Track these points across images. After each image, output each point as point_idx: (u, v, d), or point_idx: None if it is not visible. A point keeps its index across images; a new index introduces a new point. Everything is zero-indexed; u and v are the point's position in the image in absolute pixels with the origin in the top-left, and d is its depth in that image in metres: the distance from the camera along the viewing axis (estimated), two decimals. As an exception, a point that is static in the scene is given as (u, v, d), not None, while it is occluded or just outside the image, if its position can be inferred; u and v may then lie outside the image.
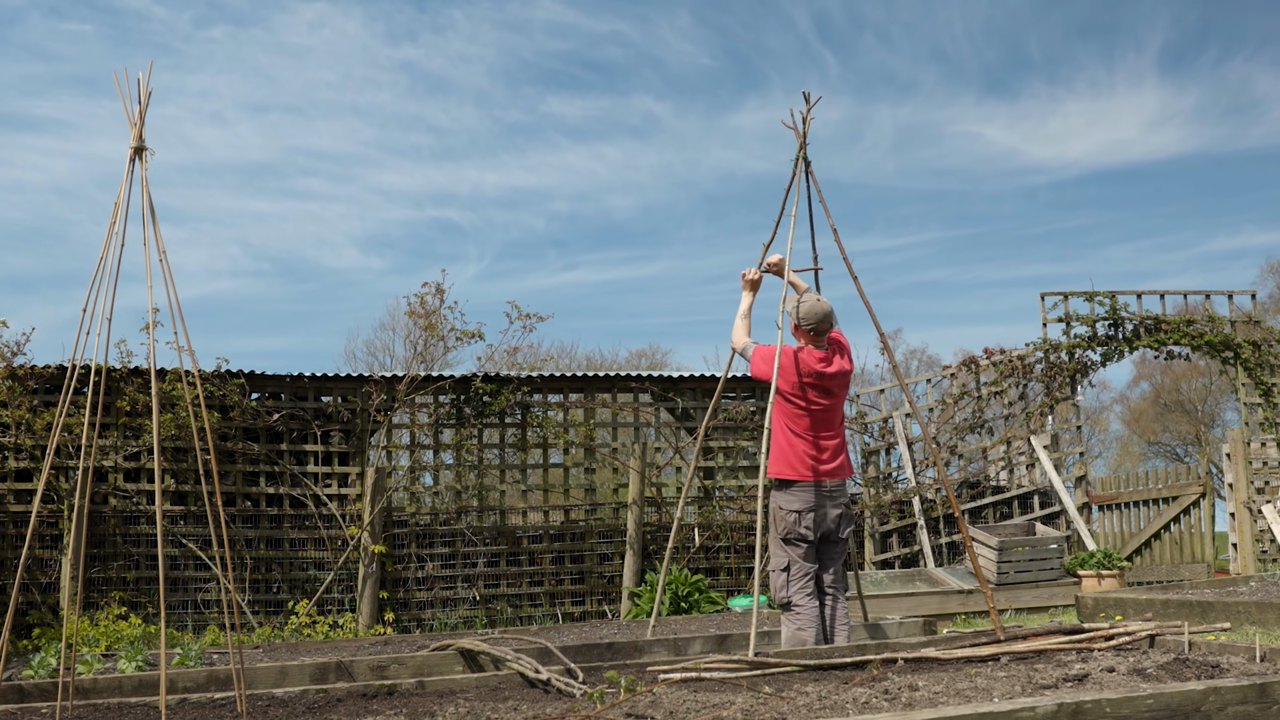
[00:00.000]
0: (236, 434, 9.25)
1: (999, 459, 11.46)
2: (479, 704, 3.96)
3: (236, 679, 4.01)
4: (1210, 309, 11.68)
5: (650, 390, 10.21)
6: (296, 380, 9.41)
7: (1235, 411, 14.25)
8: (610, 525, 9.95)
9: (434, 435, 9.95)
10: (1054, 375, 11.27)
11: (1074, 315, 11.39)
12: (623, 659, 5.68)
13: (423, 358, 9.65)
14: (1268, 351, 11.58)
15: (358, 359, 28.26)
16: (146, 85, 3.92)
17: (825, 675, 4.32)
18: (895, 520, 10.87)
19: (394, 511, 9.58)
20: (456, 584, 9.57)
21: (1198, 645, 4.50)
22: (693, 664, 4.40)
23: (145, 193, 3.85)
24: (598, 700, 3.73)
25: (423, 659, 5.38)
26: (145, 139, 3.93)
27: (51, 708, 4.27)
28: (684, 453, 10.24)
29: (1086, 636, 4.68)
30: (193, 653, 5.92)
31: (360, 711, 3.96)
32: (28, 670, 5.65)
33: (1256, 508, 11.19)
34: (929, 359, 32.92)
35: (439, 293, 9.62)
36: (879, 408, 11.52)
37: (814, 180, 5.95)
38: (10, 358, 8.69)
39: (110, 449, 8.91)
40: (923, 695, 3.71)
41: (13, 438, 8.71)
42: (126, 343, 9.07)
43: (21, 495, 8.85)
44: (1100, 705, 3.20)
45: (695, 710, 3.59)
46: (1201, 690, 3.34)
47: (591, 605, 9.75)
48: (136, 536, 8.96)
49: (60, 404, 4.03)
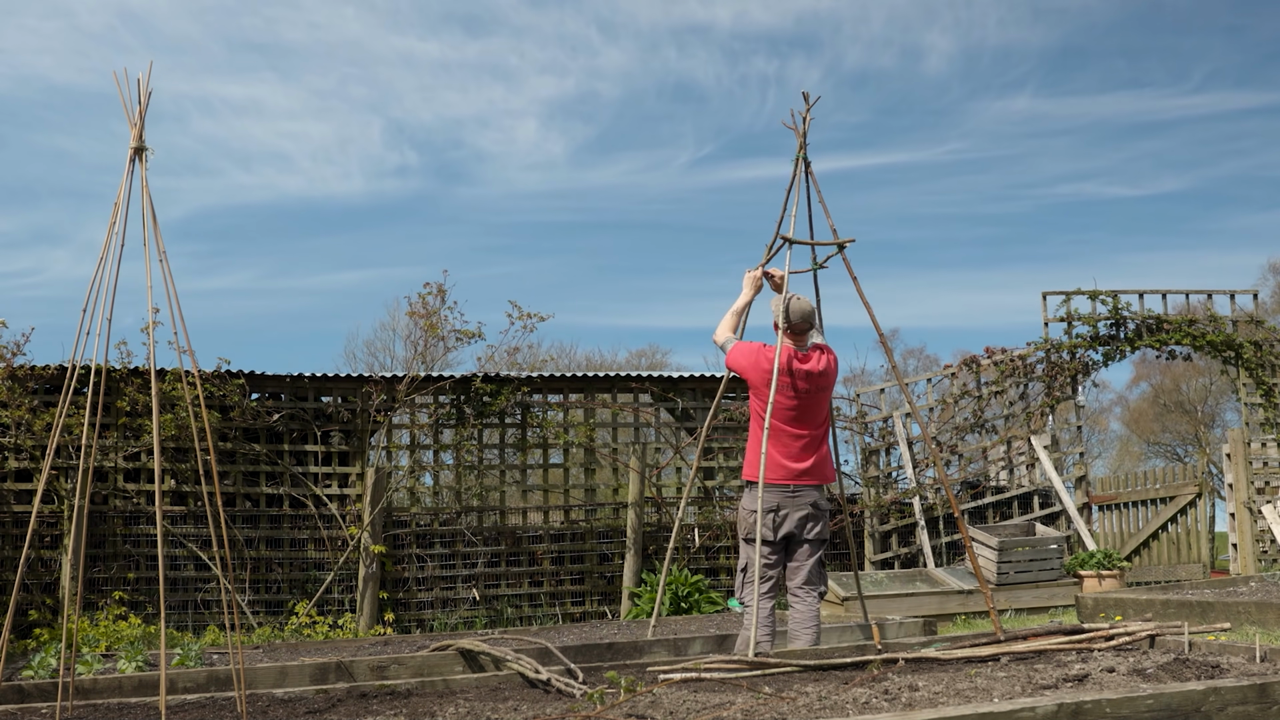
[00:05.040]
0: (236, 434, 9.25)
1: (999, 459, 11.46)
2: (479, 704, 3.96)
3: (236, 679, 4.01)
4: (1212, 309, 11.68)
5: (650, 390, 10.21)
6: (296, 380, 9.41)
7: (1235, 411, 14.27)
8: (610, 525, 9.95)
9: (434, 435, 9.95)
10: (1055, 375, 11.26)
11: (1076, 315, 11.39)
12: (623, 659, 5.68)
13: (423, 358, 9.65)
14: (1269, 351, 11.58)
15: (358, 359, 28.29)
16: (146, 85, 3.92)
17: (825, 675, 4.32)
18: (895, 520, 10.87)
19: (394, 512, 9.58)
20: (457, 584, 9.57)
21: (1198, 645, 4.50)
22: (693, 664, 4.40)
23: (145, 193, 3.85)
24: (598, 700, 3.73)
25: (423, 659, 5.38)
26: (145, 139, 3.93)
27: (51, 708, 4.27)
28: (684, 453, 10.24)
29: (1086, 637, 4.68)
30: (193, 653, 5.92)
31: (360, 711, 3.96)
32: (28, 670, 5.66)
33: (1257, 508, 11.19)
34: (929, 359, 32.94)
35: (440, 293, 9.64)
36: (879, 407, 11.52)
37: (814, 180, 5.95)
38: (10, 358, 8.69)
39: (110, 449, 8.91)
40: (923, 695, 3.70)
41: (13, 438, 8.71)
42: (127, 343, 9.08)
43: (22, 495, 8.85)
44: (1100, 705, 3.20)
45: (695, 710, 3.59)
46: (1201, 690, 3.34)
47: (592, 605, 9.75)
48: (137, 536, 8.96)
49: (60, 404, 4.03)
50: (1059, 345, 11.28)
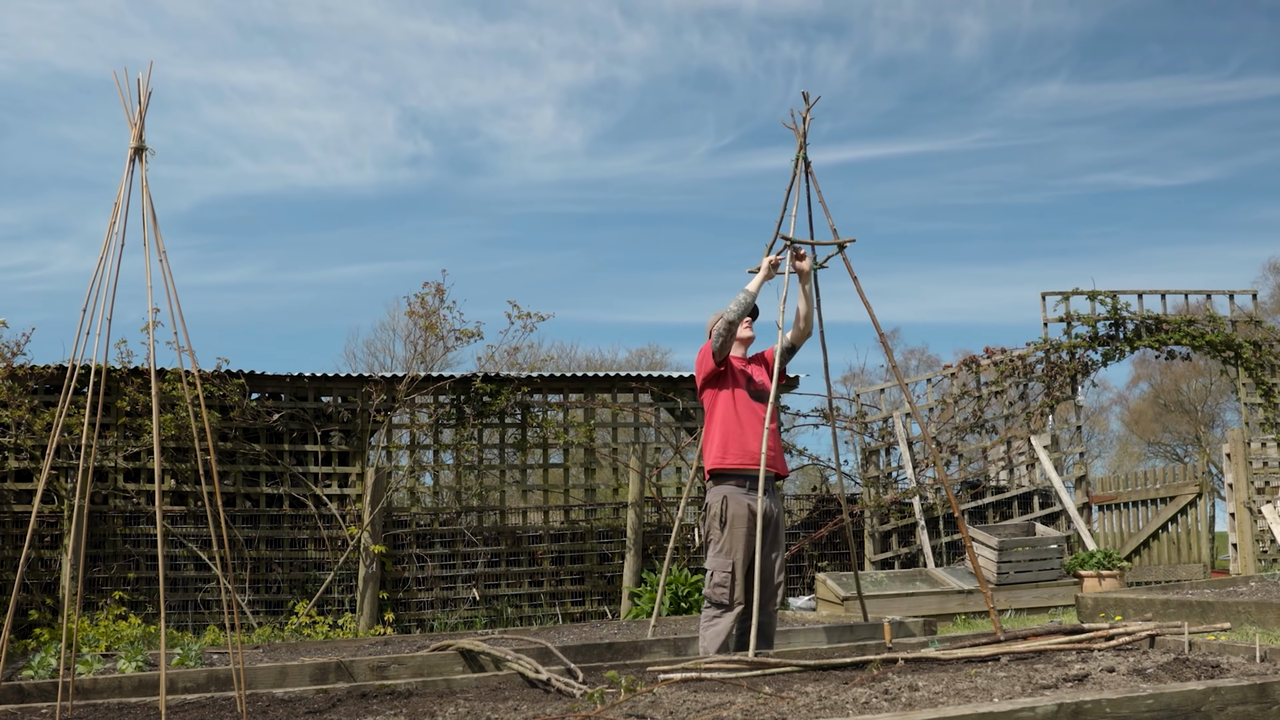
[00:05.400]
0: (236, 434, 9.25)
1: (999, 459, 11.46)
2: (479, 704, 3.96)
3: (236, 679, 4.01)
4: (1211, 309, 11.68)
5: (650, 390, 10.22)
6: (296, 380, 9.41)
7: (1235, 411, 14.26)
8: (610, 525, 9.95)
9: (434, 435, 9.95)
10: (1055, 375, 11.26)
11: (1075, 315, 11.39)
12: (623, 659, 5.68)
13: (423, 358, 9.65)
14: (1268, 351, 11.58)
15: (358, 359, 28.28)
16: (146, 85, 3.93)
17: (825, 675, 4.32)
18: (895, 520, 10.87)
19: (394, 511, 9.59)
20: (457, 584, 9.57)
21: (1198, 645, 4.50)
22: (693, 664, 4.40)
23: (145, 193, 3.85)
24: (598, 700, 3.73)
25: (423, 659, 5.39)
26: (145, 139, 3.93)
27: (51, 708, 4.27)
28: (684, 453, 10.24)
29: (1086, 637, 4.68)
30: (193, 653, 5.92)
31: (360, 711, 3.96)
32: (28, 670, 5.66)
33: (1257, 508, 11.19)
34: (929, 359, 32.94)
35: (439, 293, 9.64)
36: (879, 407, 11.52)
37: (813, 180, 5.95)
38: (10, 358, 8.69)
39: (110, 449, 8.91)
40: (923, 695, 3.71)
41: (13, 438, 8.71)
42: (127, 343, 9.07)
43: (22, 495, 8.85)
44: (1100, 705, 3.20)
45: (695, 710, 3.59)
46: (1201, 690, 3.34)
47: (591, 605, 9.75)
48: (137, 536, 8.96)
49: (60, 404, 4.03)
50: (1058, 345, 11.29)
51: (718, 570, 5.20)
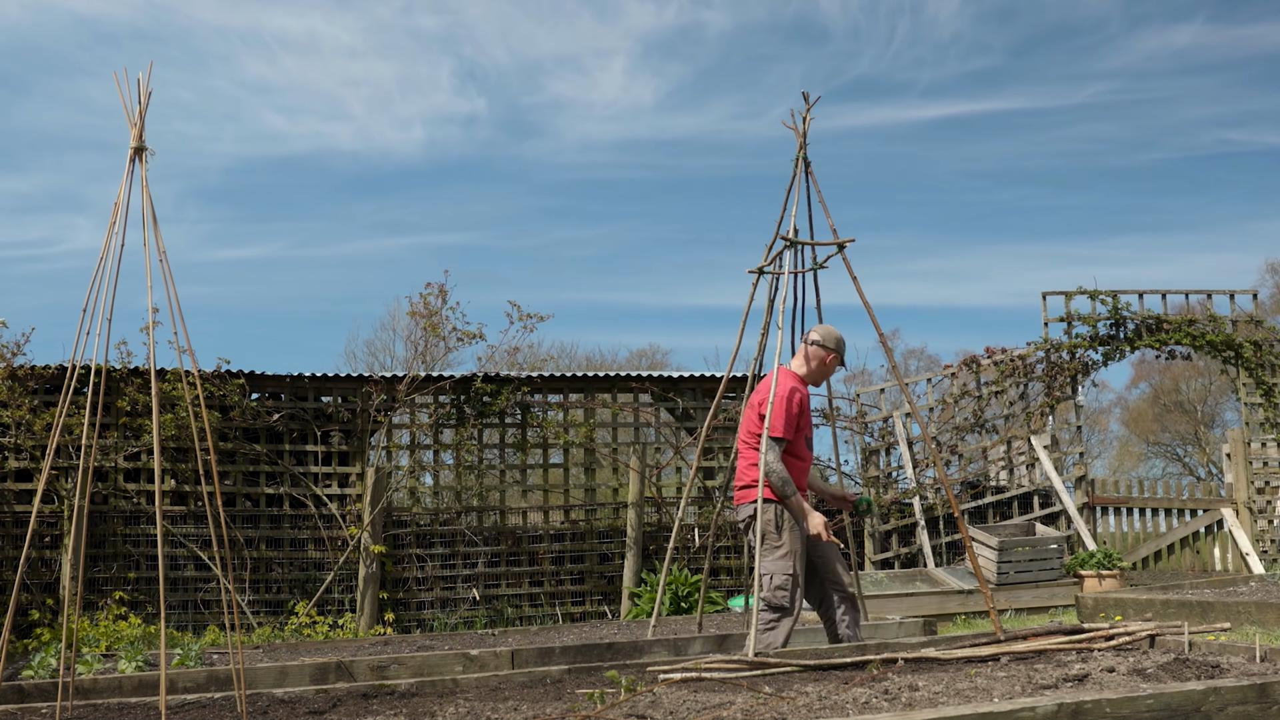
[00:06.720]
0: (236, 434, 9.25)
1: (999, 459, 11.46)
2: (479, 704, 3.96)
3: (236, 679, 4.01)
4: (1211, 309, 11.68)
5: (650, 390, 10.21)
6: (296, 380, 9.42)
7: (1235, 411, 14.25)
8: (610, 525, 9.95)
9: (434, 435, 9.95)
10: (1055, 375, 11.27)
11: (1075, 315, 11.39)
12: (623, 659, 5.68)
13: (423, 358, 9.66)
14: (1269, 351, 11.58)
15: (358, 359, 28.28)
16: (146, 85, 3.93)
17: (825, 675, 4.32)
18: (895, 520, 10.87)
19: (394, 511, 9.59)
20: (457, 584, 9.57)
21: (1198, 645, 4.50)
22: (693, 664, 4.40)
23: (145, 193, 3.85)
24: (598, 700, 3.73)
25: (423, 659, 5.39)
26: (145, 139, 3.93)
27: (51, 708, 4.27)
28: (684, 453, 10.24)
29: (1086, 637, 4.68)
30: (193, 653, 5.92)
31: (360, 711, 3.96)
32: (28, 670, 5.66)
33: (1258, 508, 11.19)
34: (930, 359, 32.93)
35: (441, 293, 9.65)
36: (879, 407, 11.52)
37: (813, 180, 5.95)
38: (10, 358, 8.70)
39: (110, 449, 8.91)
40: (923, 695, 3.70)
41: (13, 438, 8.71)
42: (127, 343, 9.08)
43: (22, 495, 8.85)
44: (1100, 705, 3.20)
45: (695, 710, 3.59)
46: (1201, 690, 3.34)
47: (592, 605, 9.75)
48: (137, 536, 8.96)
49: (60, 404, 4.03)
50: (1059, 345, 11.29)
51: (778, 573, 5.04)
